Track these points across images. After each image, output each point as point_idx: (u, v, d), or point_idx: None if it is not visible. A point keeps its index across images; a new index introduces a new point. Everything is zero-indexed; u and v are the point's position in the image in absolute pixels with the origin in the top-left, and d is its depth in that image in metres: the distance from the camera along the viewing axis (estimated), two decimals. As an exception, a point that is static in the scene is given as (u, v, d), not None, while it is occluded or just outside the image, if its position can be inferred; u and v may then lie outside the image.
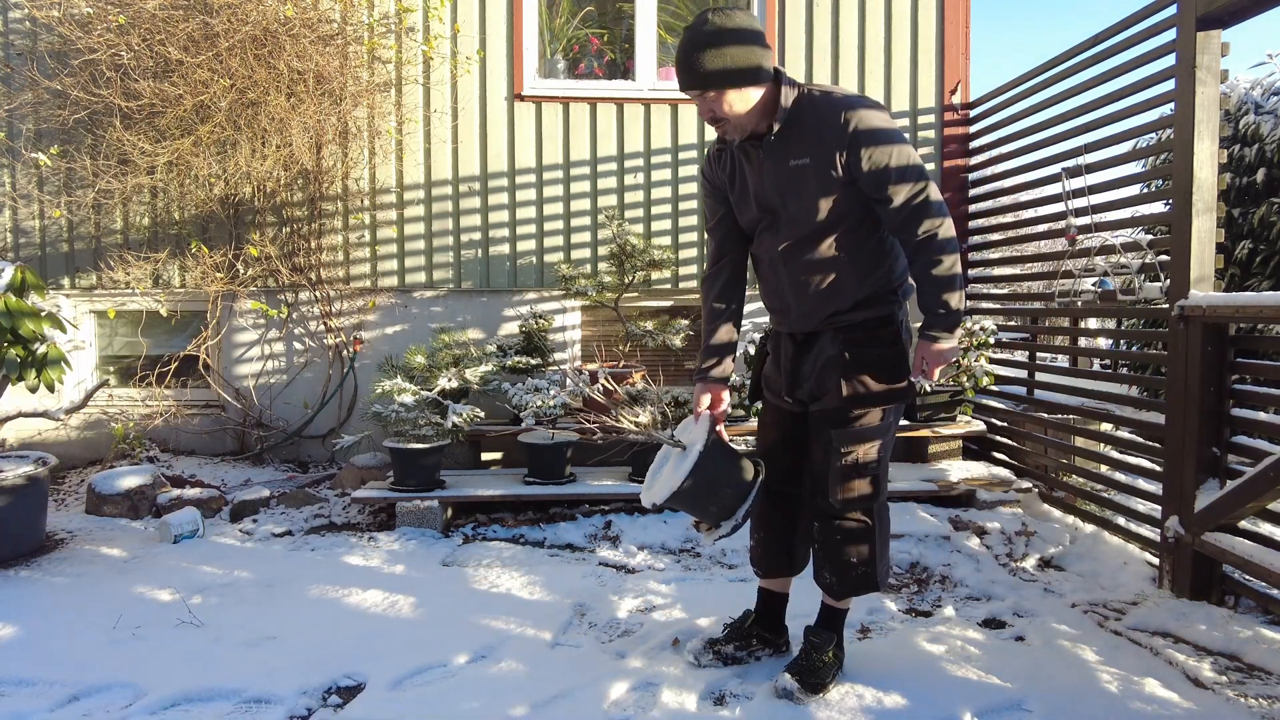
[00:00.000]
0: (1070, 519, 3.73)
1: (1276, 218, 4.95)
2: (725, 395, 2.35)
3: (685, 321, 4.53)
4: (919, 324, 2.18)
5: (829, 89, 2.12)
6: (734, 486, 2.24)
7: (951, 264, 2.08)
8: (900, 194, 2.04)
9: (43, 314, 3.36)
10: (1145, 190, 5.46)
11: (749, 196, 2.23)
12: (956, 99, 4.84)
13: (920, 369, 2.21)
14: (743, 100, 2.05)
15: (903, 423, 4.31)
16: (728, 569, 3.24)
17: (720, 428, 2.32)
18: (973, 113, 4.82)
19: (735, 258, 2.39)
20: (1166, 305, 3.12)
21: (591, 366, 4.38)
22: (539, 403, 3.88)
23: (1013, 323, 5.37)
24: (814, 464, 2.27)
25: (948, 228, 2.07)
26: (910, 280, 2.23)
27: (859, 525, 2.21)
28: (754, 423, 4.16)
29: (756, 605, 2.49)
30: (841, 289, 2.16)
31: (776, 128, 2.09)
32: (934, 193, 2.07)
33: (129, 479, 3.94)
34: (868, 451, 2.18)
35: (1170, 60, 3.11)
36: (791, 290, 2.22)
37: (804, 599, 2.46)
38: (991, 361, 4.53)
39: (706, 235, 2.47)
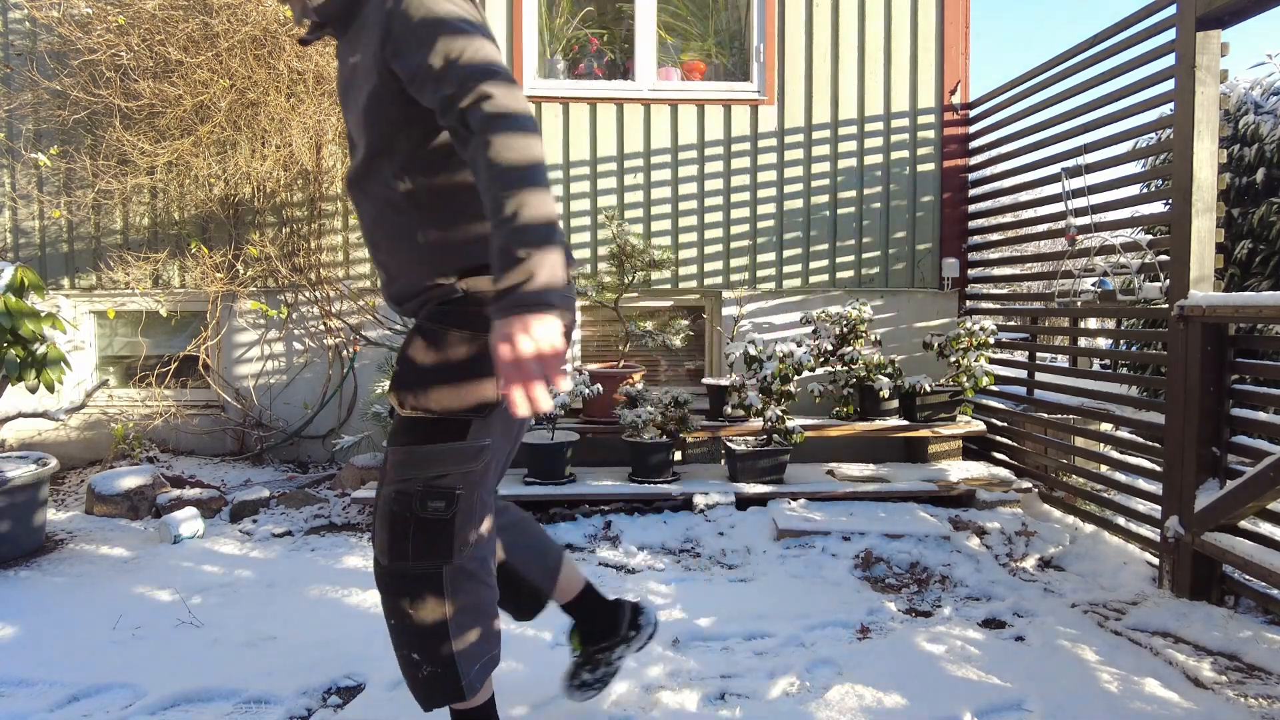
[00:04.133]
0: (1070, 519, 3.73)
1: (1276, 218, 4.95)
2: None
3: (685, 321, 4.52)
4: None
5: None
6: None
7: (525, 169, 1.29)
8: (443, 86, 1.36)
9: (43, 314, 3.36)
10: (1145, 190, 5.46)
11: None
12: (956, 99, 4.84)
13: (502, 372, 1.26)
14: None
15: (903, 422, 4.34)
16: (728, 569, 3.24)
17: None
18: (972, 113, 4.82)
19: None
20: (1166, 305, 3.12)
21: (592, 366, 4.38)
22: (539, 403, 3.87)
23: (1013, 323, 5.37)
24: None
25: (518, 112, 1.33)
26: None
27: (419, 598, 1.51)
28: (755, 422, 4.15)
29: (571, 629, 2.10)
30: (416, 250, 1.56)
31: (336, 11, 1.58)
32: (499, 87, 1.33)
33: (129, 479, 3.94)
34: (432, 483, 1.50)
35: (1170, 60, 3.11)
36: (370, 242, 1.66)
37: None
38: (991, 361, 4.53)
39: None
